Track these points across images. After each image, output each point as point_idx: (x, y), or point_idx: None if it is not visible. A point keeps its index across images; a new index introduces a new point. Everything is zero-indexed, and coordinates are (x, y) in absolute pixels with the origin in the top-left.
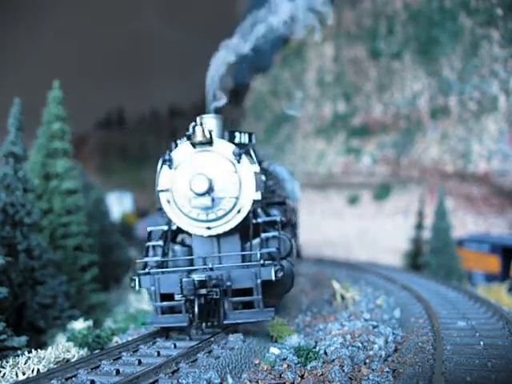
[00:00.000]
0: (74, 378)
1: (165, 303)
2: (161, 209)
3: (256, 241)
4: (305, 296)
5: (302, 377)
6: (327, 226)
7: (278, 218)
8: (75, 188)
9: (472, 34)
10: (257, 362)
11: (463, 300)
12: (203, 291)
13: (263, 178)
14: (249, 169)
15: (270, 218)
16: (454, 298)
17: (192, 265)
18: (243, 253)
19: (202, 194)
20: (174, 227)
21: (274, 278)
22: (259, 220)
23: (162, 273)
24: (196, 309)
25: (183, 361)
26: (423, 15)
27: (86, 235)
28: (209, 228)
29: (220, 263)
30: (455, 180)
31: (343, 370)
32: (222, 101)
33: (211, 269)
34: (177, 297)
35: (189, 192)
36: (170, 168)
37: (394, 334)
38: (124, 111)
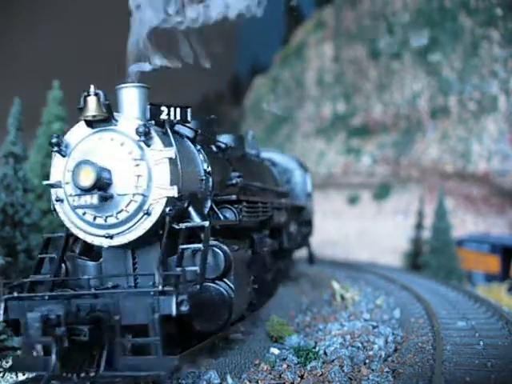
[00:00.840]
0: None
1: (37, 339)
2: (54, 210)
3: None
4: (304, 296)
5: (301, 377)
6: (327, 226)
7: (206, 223)
8: None
9: (472, 34)
10: (257, 362)
11: (463, 300)
12: (60, 331)
13: (208, 167)
14: (161, 154)
15: (193, 224)
16: (453, 298)
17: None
18: (132, 273)
19: (89, 190)
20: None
21: (174, 312)
22: (182, 226)
23: (43, 298)
24: (54, 357)
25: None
26: (423, 15)
27: None
28: (109, 236)
29: (135, 286)
30: (455, 180)
31: (343, 370)
32: (149, 66)
33: (95, 295)
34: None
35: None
36: (64, 155)
37: (393, 334)
38: None
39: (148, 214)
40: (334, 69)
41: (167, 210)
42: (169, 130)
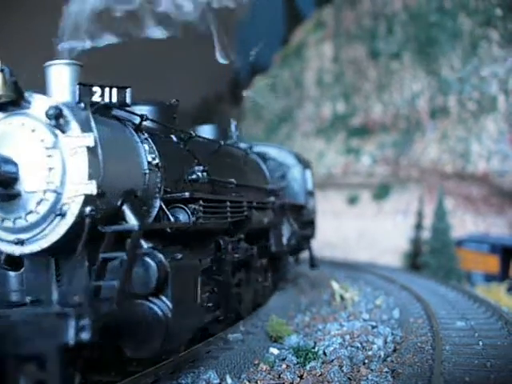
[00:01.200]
0: None
1: None
2: None
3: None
4: (304, 296)
5: (301, 377)
6: (327, 226)
7: (135, 226)
8: None
9: (471, 34)
10: (256, 362)
11: (462, 300)
12: None
13: (155, 159)
14: (77, 142)
15: (123, 227)
16: (453, 298)
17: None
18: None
19: None
20: None
21: (72, 341)
22: (107, 229)
23: None
24: None
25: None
26: (423, 15)
27: None
28: (20, 242)
29: (61, 303)
30: (454, 180)
31: (342, 371)
32: (84, 43)
33: None
34: None
35: None
36: None
37: (393, 334)
38: None
39: (62, 215)
40: (334, 69)
41: (87, 210)
42: (89, 113)
